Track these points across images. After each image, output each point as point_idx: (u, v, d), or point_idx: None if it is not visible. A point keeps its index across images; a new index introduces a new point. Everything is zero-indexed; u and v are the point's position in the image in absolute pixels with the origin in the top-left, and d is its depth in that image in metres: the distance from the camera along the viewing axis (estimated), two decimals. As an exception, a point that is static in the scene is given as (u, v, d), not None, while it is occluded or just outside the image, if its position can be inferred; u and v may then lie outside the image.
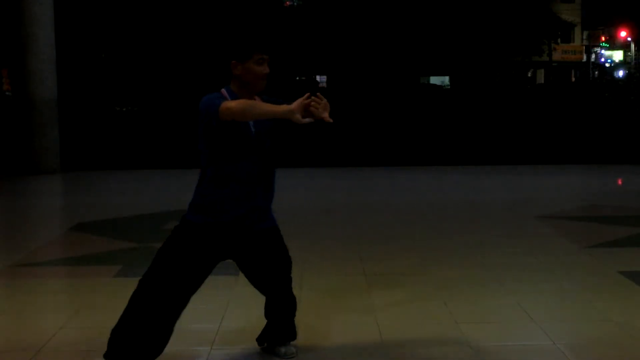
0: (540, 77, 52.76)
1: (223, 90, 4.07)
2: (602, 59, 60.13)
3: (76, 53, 15.36)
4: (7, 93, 15.18)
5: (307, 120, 3.79)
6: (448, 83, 17.49)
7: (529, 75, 41.13)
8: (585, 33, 59.88)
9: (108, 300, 5.69)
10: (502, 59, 15.99)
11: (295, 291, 5.74)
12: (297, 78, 17.28)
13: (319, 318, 5.18)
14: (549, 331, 4.81)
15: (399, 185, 11.97)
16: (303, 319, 5.09)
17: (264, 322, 4.87)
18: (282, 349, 4.41)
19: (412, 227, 8.49)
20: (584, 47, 58.60)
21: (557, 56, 50.11)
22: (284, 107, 3.82)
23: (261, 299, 4.45)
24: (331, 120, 4.03)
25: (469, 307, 5.41)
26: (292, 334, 4.48)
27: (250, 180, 4.07)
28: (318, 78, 18.18)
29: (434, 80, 23.38)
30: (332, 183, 12.14)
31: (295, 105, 3.77)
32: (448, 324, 5.02)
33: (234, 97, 4.02)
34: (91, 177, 12.96)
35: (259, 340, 4.49)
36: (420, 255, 7.04)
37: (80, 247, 7.70)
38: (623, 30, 55.46)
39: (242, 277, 6.17)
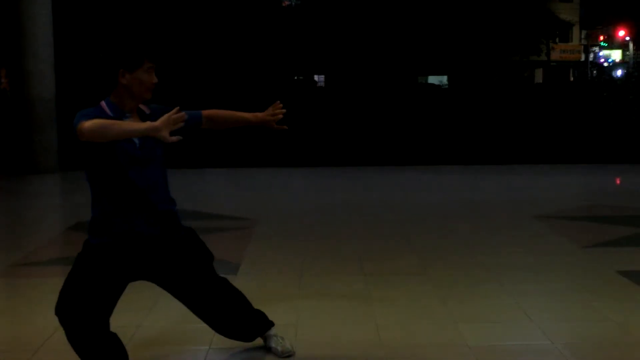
0: (539, 76, 52.82)
1: (102, 103, 3.90)
2: (601, 59, 60.18)
3: (74, 52, 15.36)
4: (6, 92, 15.17)
5: (174, 138, 3.54)
6: (446, 82, 17.50)
7: (526, 74, 41.13)
8: (584, 32, 59.96)
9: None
10: (500, 58, 16.01)
11: (294, 290, 5.77)
12: (295, 78, 17.28)
13: (316, 318, 5.18)
14: (547, 331, 4.82)
15: (398, 184, 11.97)
16: (301, 320, 5.10)
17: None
18: (279, 347, 4.41)
19: (410, 226, 8.50)
20: (582, 47, 58.68)
21: (555, 55, 50.15)
22: (146, 125, 3.55)
23: (260, 297, 4.45)
24: (285, 127, 4.15)
25: (468, 306, 5.42)
26: (263, 321, 4.45)
27: (138, 191, 3.90)
28: (316, 77, 18.18)
29: (432, 79, 23.38)
30: (330, 183, 12.15)
31: (160, 122, 3.49)
32: (447, 323, 5.02)
33: (113, 108, 3.85)
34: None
35: (238, 337, 4.46)
36: (419, 255, 7.05)
37: (79, 246, 7.67)
38: (621, 30, 55.54)
39: (240, 275, 6.21)
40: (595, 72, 50.37)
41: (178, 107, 3.61)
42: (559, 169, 13.55)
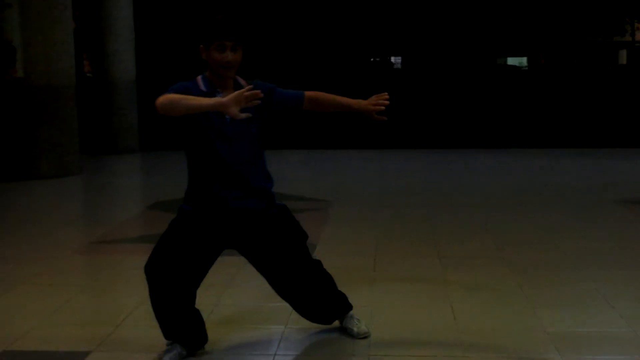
0: (623, 58, 51.49)
1: (198, 78, 3.97)
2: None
3: (154, 34, 15.56)
4: (87, 74, 15.47)
5: (244, 115, 3.58)
6: (526, 64, 17.20)
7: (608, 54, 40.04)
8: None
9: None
10: (582, 39, 15.66)
11: (369, 273, 5.78)
12: (372, 59, 17.20)
13: (392, 301, 5.17)
14: (629, 318, 4.71)
15: (474, 167, 11.85)
16: (376, 302, 5.10)
17: (338, 302, 4.90)
18: (355, 329, 4.42)
19: (487, 209, 8.40)
20: (669, 27, 56.91)
21: (640, 36, 48.74)
22: (214, 101, 3.61)
23: (335, 278, 4.46)
24: (385, 119, 4.05)
25: (545, 291, 5.34)
26: (344, 305, 4.47)
27: (228, 166, 3.94)
28: (393, 59, 18.07)
29: (512, 61, 23.04)
30: (406, 165, 12.09)
31: (228, 98, 3.55)
32: (524, 308, 4.96)
33: (207, 83, 3.92)
34: (169, 157, 13.15)
35: (316, 320, 4.50)
36: (496, 239, 6.97)
37: (158, 225, 7.79)
38: None
39: (315, 257, 6.22)
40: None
41: (251, 86, 3.62)
42: (642, 153, 13.21)
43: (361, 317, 4.53)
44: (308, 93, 4.15)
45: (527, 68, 16.66)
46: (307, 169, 12.25)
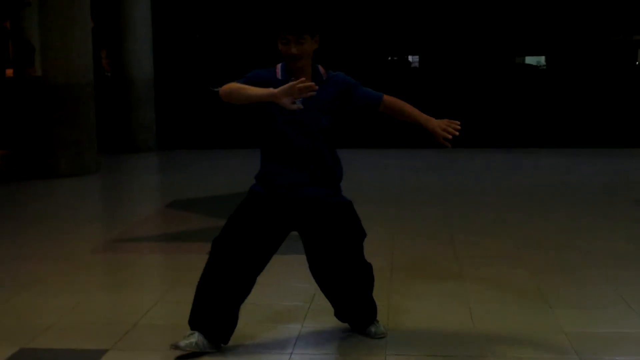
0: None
1: (278, 66, 4.10)
2: None
3: (171, 33, 15.60)
4: (106, 73, 15.54)
5: (295, 106, 3.71)
6: (544, 63, 17.12)
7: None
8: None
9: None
10: (602, 37, 15.56)
11: (385, 273, 5.76)
12: (389, 58, 17.17)
13: (409, 300, 5.16)
14: (648, 319, 4.68)
15: (493, 166, 11.81)
16: (392, 301, 5.09)
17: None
18: (372, 329, 4.42)
19: (505, 209, 8.37)
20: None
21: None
22: (267, 91, 3.74)
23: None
24: (449, 145, 4.05)
25: (564, 292, 5.31)
26: (371, 312, 4.46)
27: (295, 153, 4.04)
28: (410, 58, 18.03)
29: (530, 60, 22.93)
30: (424, 164, 12.06)
31: (279, 89, 3.68)
32: (542, 308, 4.93)
33: (285, 71, 4.03)
34: (186, 156, 13.20)
35: (338, 317, 4.52)
36: (514, 238, 6.94)
37: (175, 224, 7.86)
38: None
39: (333, 256, 6.22)
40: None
41: (304, 79, 3.71)
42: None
43: (378, 315, 4.52)
44: (387, 97, 4.17)
45: (545, 67, 16.58)
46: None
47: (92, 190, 10.35)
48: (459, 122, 4.05)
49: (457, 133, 4.04)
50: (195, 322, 4.13)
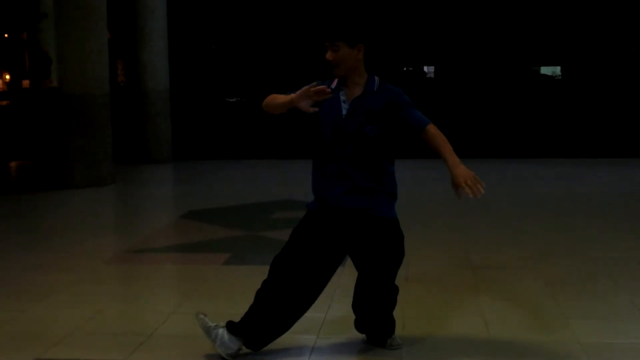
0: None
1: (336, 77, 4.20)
2: None
3: (187, 45, 15.67)
4: (121, 84, 15.61)
5: (312, 109, 3.90)
6: (559, 73, 17.09)
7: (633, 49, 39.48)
8: None
9: (218, 286, 5.82)
10: (616, 47, 15.53)
11: (400, 282, 5.75)
12: (405, 69, 17.18)
13: (423, 310, 5.16)
14: (664, 330, 4.66)
15: (507, 176, 11.77)
16: (407, 311, 5.08)
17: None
18: (387, 340, 4.42)
19: (520, 219, 8.35)
20: None
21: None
22: (289, 97, 3.95)
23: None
24: (459, 197, 3.99)
25: (579, 302, 5.29)
26: (389, 329, 4.45)
27: (338, 162, 4.09)
28: (425, 69, 18.03)
29: (545, 70, 22.89)
30: (437, 174, 12.02)
31: (297, 93, 3.90)
32: (557, 319, 4.92)
33: (337, 82, 4.15)
34: (201, 167, 13.23)
35: (357, 327, 4.53)
36: (529, 248, 6.92)
37: (190, 235, 7.87)
38: None
39: (348, 267, 6.21)
40: None
41: (315, 83, 3.91)
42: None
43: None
44: (430, 128, 4.10)
45: (560, 77, 16.53)
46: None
47: (107, 201, 10.39)
48: (484, 185, 3.93)
49: (478, 195, 3.90)
50: (241, 327, 4.18)
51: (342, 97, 4.14)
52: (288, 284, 4.11)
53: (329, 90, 3.89)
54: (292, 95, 3.94)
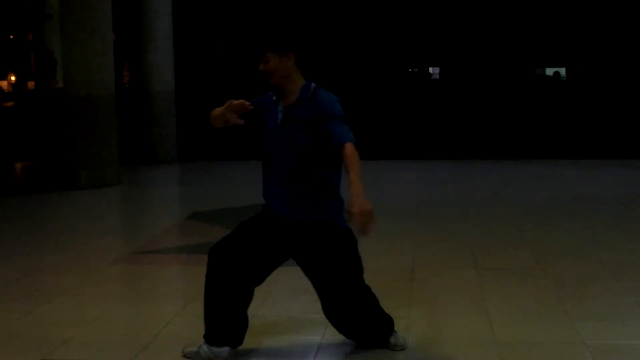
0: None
1: None
2: None
3: (192, 46, 15.69)
4: (127, 86, 15.64)
5: (239, 121, 4.10)
6: (564, 75, 17.08)
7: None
8: None
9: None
10: (619, 47, 15.52)
11: (406, 284, 5.76)
12: (410, 70, 17.19)
13: (429, 312, 5.16)
14: (669, 331, 4.65)
15: (511, 178, 11.75)
16: (413, 313, 5.08)
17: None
18: (391, 340, 4.41)
19: (524, 221, 8.33)
20: None
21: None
22: (221, 110, 4.14)
23: (374, 289, 4.45)
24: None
25: (585, 304, 5.28)
26: (384, 328, 4.40)
27: (274, 171, 4.13)
28: (431, 70, 18.05)
29: (549, 72, 22.92)
30: (443, 176, 12.03)
31: (223, 106, 4.11)
32: (562, 320, 4.91)
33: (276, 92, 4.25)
34: (207, 168, 13.23)
35: (347, 336, 4.47)
36: (533, 250, 6.91)
37: (196, 236, 7.88)
38: None
39: (353, 268, 6.22)
40: None
41: (243, 100, 4.08)
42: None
43: (398, 328, 4.51)
44: (348, 146, 3.95)
45: (565, 78, 16.52)
46: (342, 180, 12.22)
47: (112, 203, 10.40)
48: (375, 227, 3.84)
49: (366, 234, 3.81)
50: (208, 333, 4.22)
51: (280, 107, 4.15)
52: (227, 278, 4.15)
53: (248, 103, 4.04)
54: (221, 109, 4.10)
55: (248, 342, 4.30)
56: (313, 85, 4.14)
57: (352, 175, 3.89)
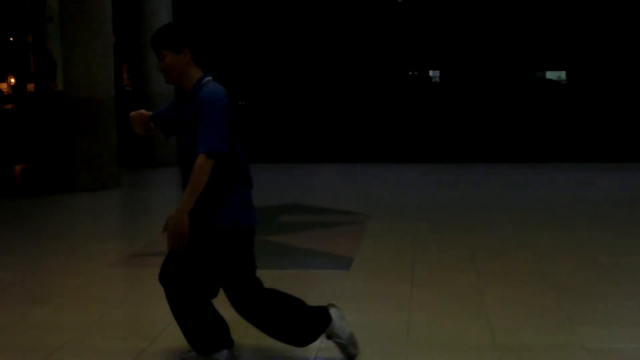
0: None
1: None
2: None
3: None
4: (127, 88, 15.63)
5: (146, 132, 4.41)
6: (564, 78, 17.09)
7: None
8: None
9: (222, 290, 5.79)
10: (620, 52, 15.53)
11: (406, 287, 5.74)
12: (410, 73, 17.20)
13: (429, 316, 5.14)
14: (670, 335, 4.64)
15: (511, 182, 11.74)
16: (413, 316, 5.07)
17: (375, 316, 4.91)
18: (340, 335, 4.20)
19: (524, 224, 8.32)
20: None
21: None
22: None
23: (372, 293, 4.43)
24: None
25: (584, 307, 5.27)
26: (323, 320, 4.22)
27: (183, 172, 4.15)
28: (431, 73, 18.05)
29: (550, 75, 22.94)
30: (443, 179, 12.02)
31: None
32: (562, 324, 4.90)
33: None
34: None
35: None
36: (534, 253, 6.89)
37: (195, 239, 7.84)
38: None
39: (353, 271, 6.22)
40: None
41: (143, 110, 4.45)
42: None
43: (397, 332, 4.49)
44: (200, 157, 3.93)
45: (565, 82, 16.55)
46: (344, 182, 12.23)
47: (112, 205, 10.39)
48: (185, 243, 3.98)
49: (172, 248, 4.02)
50: (196, 348, 4.18)
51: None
52: (183, 294, 4.17)
53: (144, 112, 4.30)
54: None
55: (248, 342, 4.28)
56: (205, 79, 4.05)
57: (187, 190, 3.95)
